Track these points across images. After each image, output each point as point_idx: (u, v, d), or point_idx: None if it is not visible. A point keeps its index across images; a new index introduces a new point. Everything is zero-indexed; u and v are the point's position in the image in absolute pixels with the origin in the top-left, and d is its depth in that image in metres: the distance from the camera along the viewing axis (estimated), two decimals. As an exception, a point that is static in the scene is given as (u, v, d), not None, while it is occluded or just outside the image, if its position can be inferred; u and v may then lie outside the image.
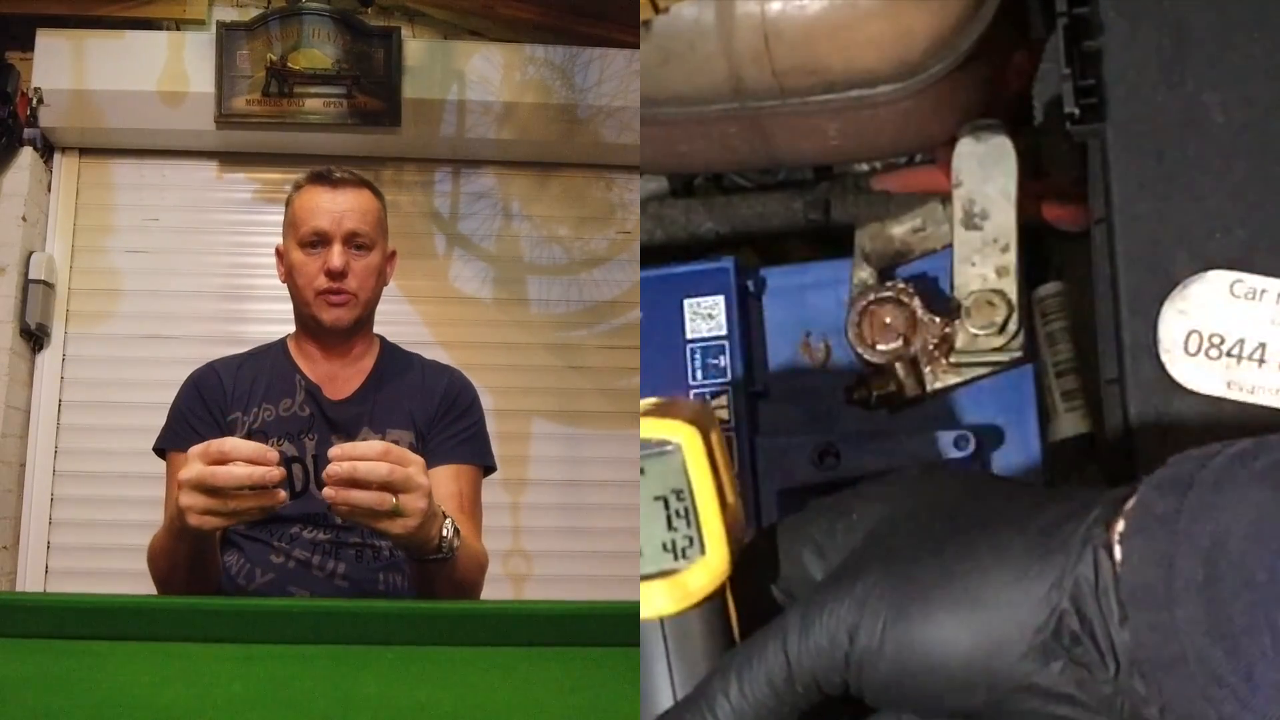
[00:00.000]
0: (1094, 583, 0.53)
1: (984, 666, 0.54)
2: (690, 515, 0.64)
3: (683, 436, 0.64)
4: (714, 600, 0.63)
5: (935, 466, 0.68)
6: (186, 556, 1.27)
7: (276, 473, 1.11)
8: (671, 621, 0.63)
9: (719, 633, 0.63)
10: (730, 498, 0.65)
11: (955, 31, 0.87)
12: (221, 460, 1.09)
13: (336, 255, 1.47)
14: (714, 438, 0.65)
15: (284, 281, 1.56)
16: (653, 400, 0.69)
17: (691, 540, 0.64)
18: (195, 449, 1.11)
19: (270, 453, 1.11)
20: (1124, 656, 0.52)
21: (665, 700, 0.63)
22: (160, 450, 1.52)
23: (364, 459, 1.11)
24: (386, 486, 1.11)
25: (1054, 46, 0.89)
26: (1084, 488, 0.62)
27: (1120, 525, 0.54)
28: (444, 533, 1.22)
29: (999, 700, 0.55)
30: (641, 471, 0.65)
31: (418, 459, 1.16)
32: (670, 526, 0.64)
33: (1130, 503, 0.55)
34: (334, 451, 1.12)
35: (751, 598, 0.65)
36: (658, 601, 0.63)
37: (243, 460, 1.09)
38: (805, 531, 0.65)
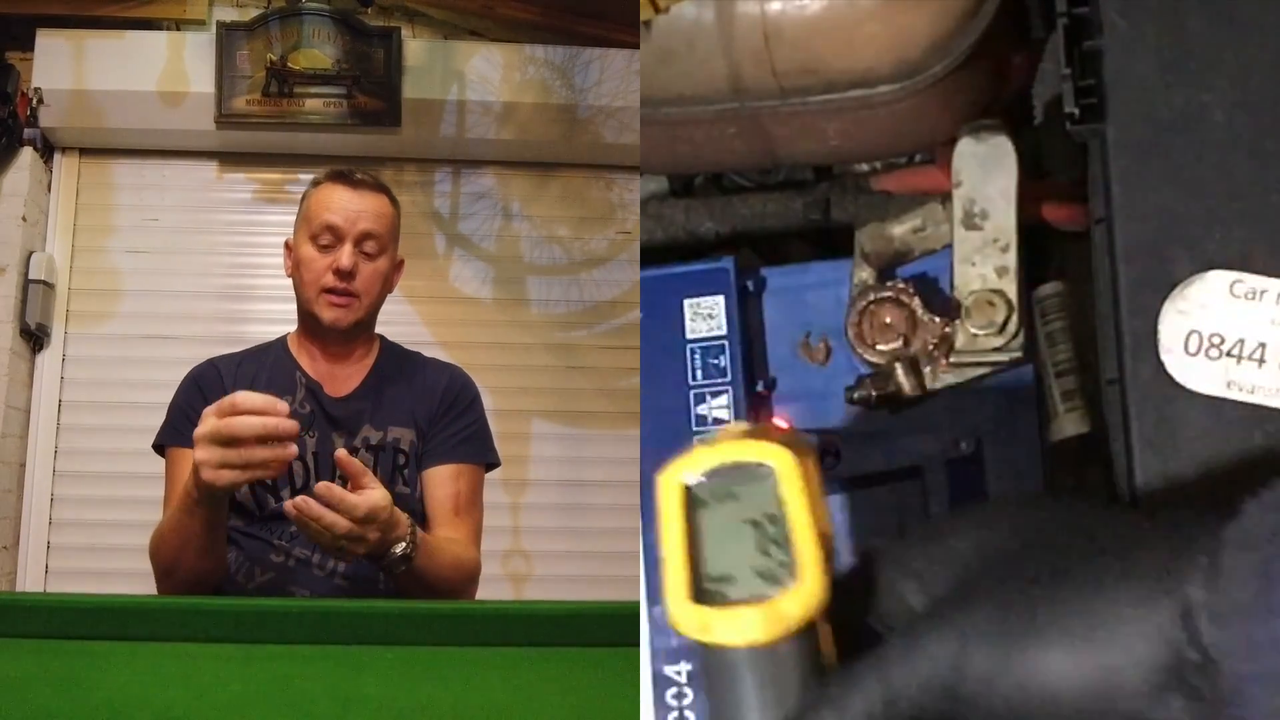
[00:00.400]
0: (1209, 614, 0.51)
1: (1097, 703, 0.53)
2: (785, 541, 0.62)
3: (778, 460, 0.63)
4: (808, 629, 0.61)
5: (1037, 494, 0.66)
6: (199, 534, 1.28)
7: (290, 424, 1.15)
8: (763, 649, 0.61)
9: (811, 662, 0.62)
10: (824, 524, 0.63)
11: (955, 31, 0.87)
12: (234, 414, 1.13)
13: (346, 255, 1.47)
14: (809, 464, 0.64)
15: (289, 275, 1.55)
16: (743, 425, 0.67)
17: (785, 567, 0.62)
18: (209, 408, 1.16)
19: (279, 404, 1.16)
20: (1229, 679, 0.51)
21: None
22: (160, 447, 1.52)
23: (347, 512, 1.19)
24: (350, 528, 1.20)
25: (1054, 46, 0.89)
26: (1190, 510, 0.59)
27: (1227, 550, 0.53)
28: (398, 546, 1.26)
29: None
30: (733, 495, 0.64)
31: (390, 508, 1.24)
32: (764, 552, 0.63)
33: (1234, 523, 0.53)
34: (320, 489, 1.18)
35: (845, 627, 0.64)
36: (750, 628, 0.61)
37: (254, 412, 1.13)
38: (903, 561, 0.64)
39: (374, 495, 1.22)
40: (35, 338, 3.23)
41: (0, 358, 3.09)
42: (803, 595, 0.61)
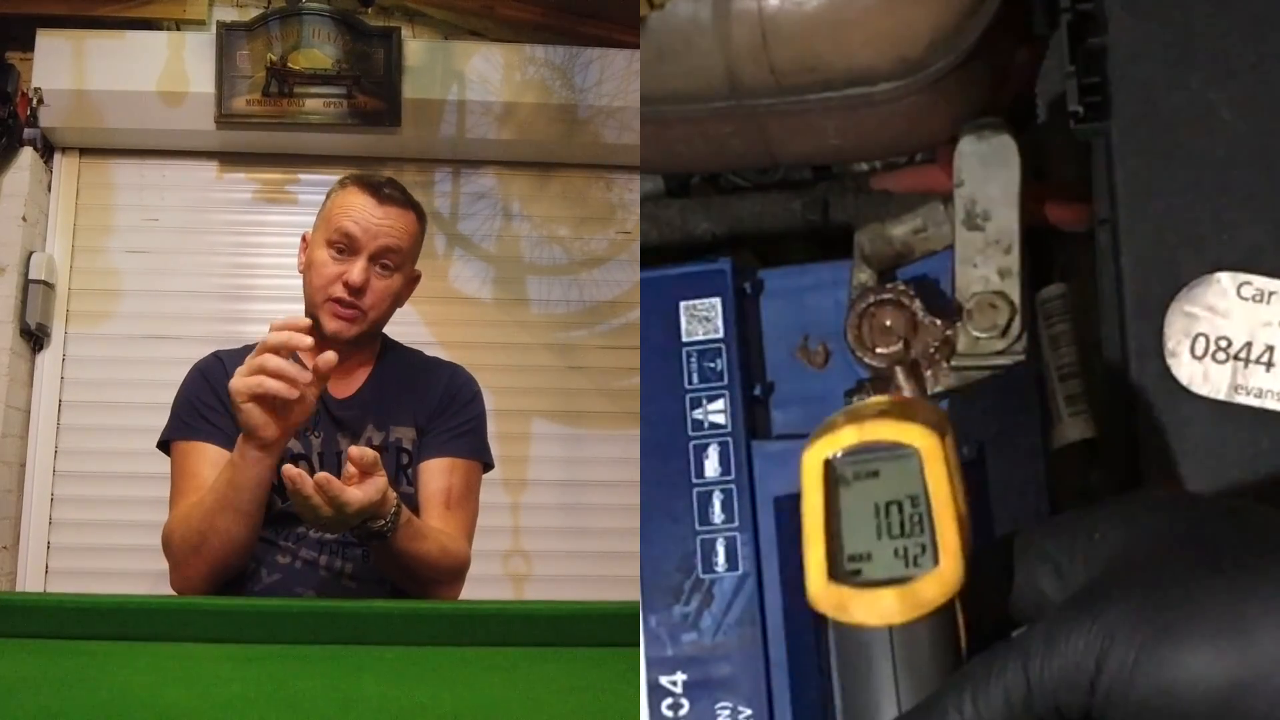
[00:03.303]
0: None
1: (1245, 704, 0.53)
2: (926, 523, 0.63)
3: (923, 442, 0.63)
4: (944, 612, 0.62)
5: (1184, 493, 0.66)
6: (246, 492, 1.31)
7: (300, 338, 1.25)
8: (900, 631, 0.61)
9: (947, 646, 0.62)
10: (964, 508, 0.63)
11: (957, 28, 0.86)
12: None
13: (358, 271, 1.44)
14: (949, 445, 0.64)
15: (301, 272, 1.52)
16: (884, 399, 0.67)
17: (925, 549, 0.62)
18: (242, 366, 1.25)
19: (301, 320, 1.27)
20: None
21: (890, 710, 0.61)
22: (165, 445, 1.50)
23: (340, 508, 1.20)
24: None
25: (1058, 43, 0.88)
26: None
27: None
28: (376, 522, 1.27)
29: None
30: (875, 474, 0.64)
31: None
32: (904, 533, 0.63)
33: None
34: (321, 480, 1.19)
35: (981, 613, 0.64)
36: (888, 609, 0.62)
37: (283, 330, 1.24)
38: (1042, 548, 0.63)
39: (369, 491, 1.22)
40: (35, 338, 3.23)
41: (0, 358, 3.09)
42: (942, 578, 0.61)
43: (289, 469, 1.19)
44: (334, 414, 1.49)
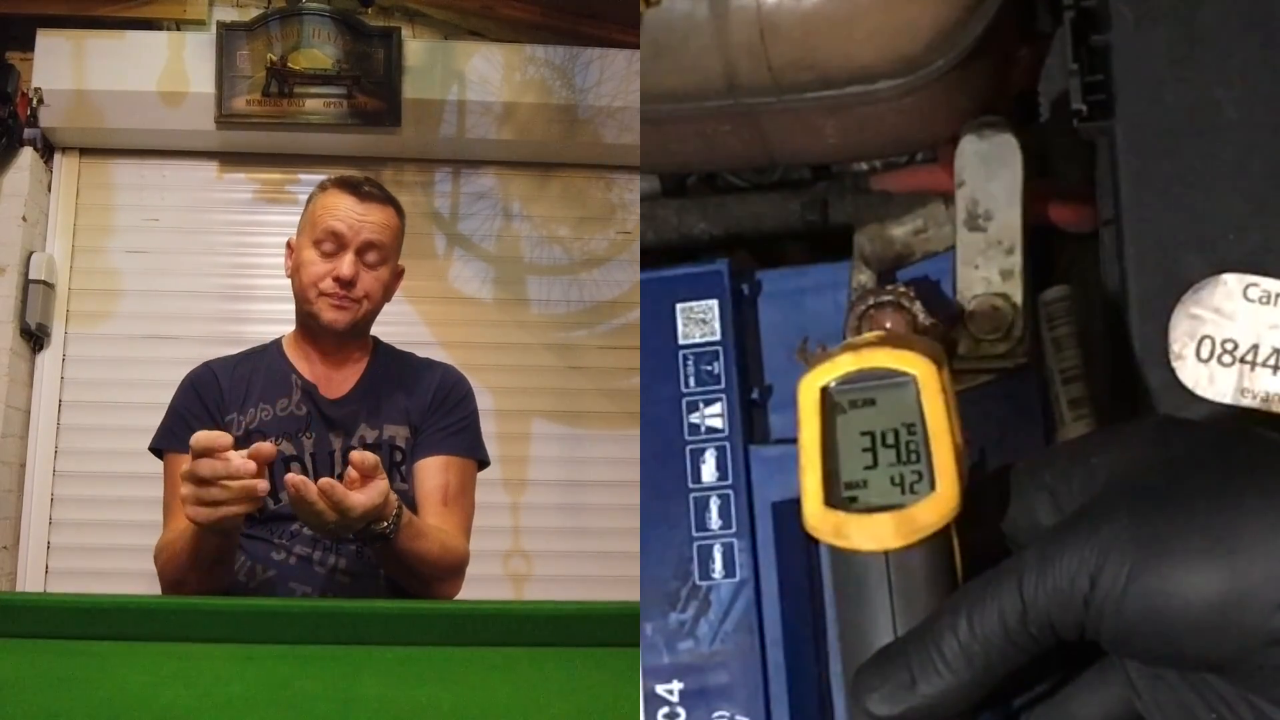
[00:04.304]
0: None
1: (1235, 617, 0.53)
2: (922, 450, 0.63)
3: (920, 370, 0.63)
4: (940, 538, 0.62)
5: (1177, 418, 0.66)
6: (211, 552, 1.29)
7: (242, 464, 1.15)
8: (896, 556, 0.62)
9: (943, 571, 0.62)
10: (959, 436, 0.63)
11: (958, 25, 0.85)
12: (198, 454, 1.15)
13: (347, 265, 1.48)
14: (945, 374, 0.64)
15: (289, 276, 1.55)
16: (879, 333, 0.67)
17: (921, 475, 0.63)
18: (193, 439, 1.16)
19: (222, 438, 1.15)
20: None
21: (885, 635, 0.62)
22: (158, 451, 1.53)
23: (344, 513, 1.20)
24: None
25: (1061, 41, 0.87)
26: None
27: None
28: (379, 524, 1.27)
29: (1246, 653, 0.53)
30: (872, 402, 0.64)
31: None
32: (900, 460, 0.63)
33: None
34: (324, 485, 1.19)
35: (977, 538, 0.64)
36: (884, 535, 0.62)
37: (202, 451, 1.14)
38: (1039, 475, 0.64)
39: (372, 494, 1.23)
40: (35, 338, 3.23)
41: (0, 358, 3.09)
42: (938, 504, 0.62)
43: (292, 477, 1.20)
44: (326, 414, 1.51)
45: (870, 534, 0.62)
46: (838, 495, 0.63)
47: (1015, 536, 0.65)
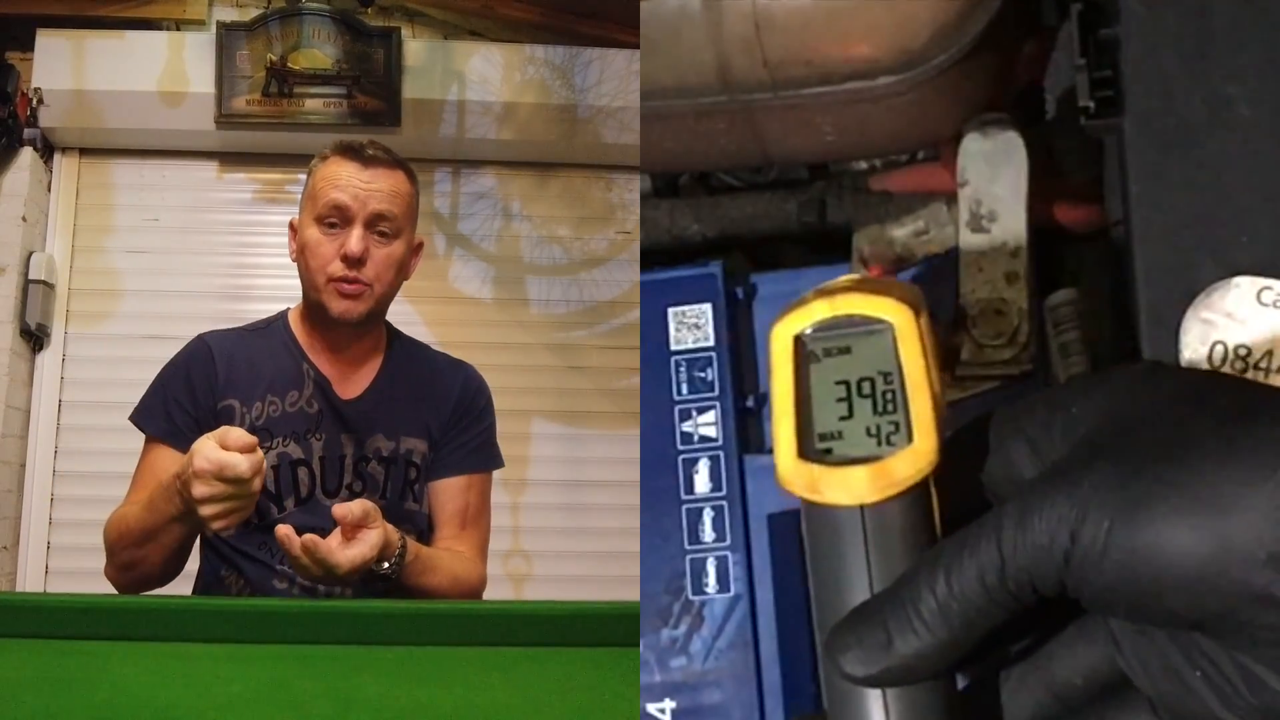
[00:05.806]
0: None
1: (1217, 573, 0.51)
2: (899, 400, 0.60)
3: (897, 317, 0.61)
4: (918, 491, 0.60)
5: (1161, 364, 0.64)
6: (173, 543, 1.26)
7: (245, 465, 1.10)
8: (872, 510, 0.59)
9: (921, 525, 0.60)
10: (938, 386, 0.61)
11: (961, 19, 0.82)
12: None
13: (355, 240, 1.34)
14: (924, 321, 0.62)
15: (294, 260, 1.43)
16: (854, 276, 0.64)
17: (898, 426, 0.60)
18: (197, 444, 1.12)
19: (235, 458, 1.10)
20: None
21: (861, 592, 0.59)
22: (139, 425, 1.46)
23: (329, 571, 1.16)
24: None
25: (1067, 34, 0.84)
26: None
27: None
28: (382, 564, 1.22)
29: (1230, 610, 0.52)
30: (848, 350, 0.62)
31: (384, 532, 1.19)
32: (876, 411, 0.61)
33: None
34: (308, 543, 1.14)
35: (956, 491, 0.62)
36: (859, 488, 0.59)
37: (207, 470, 1.10)
38: (1018, 424, 0.62)
39: (362, 549, 1.17)
40: (35, 338, 3.23)
41: (0, 358, 3.09)
42: (915, 456, 0.59)
43: (281, 528, 1.15)
44: (340, 413, 1.41)
45: (845, 487, 0.60)
46: (812, 447, 0.61)
47: (995, 488, 0.63)
